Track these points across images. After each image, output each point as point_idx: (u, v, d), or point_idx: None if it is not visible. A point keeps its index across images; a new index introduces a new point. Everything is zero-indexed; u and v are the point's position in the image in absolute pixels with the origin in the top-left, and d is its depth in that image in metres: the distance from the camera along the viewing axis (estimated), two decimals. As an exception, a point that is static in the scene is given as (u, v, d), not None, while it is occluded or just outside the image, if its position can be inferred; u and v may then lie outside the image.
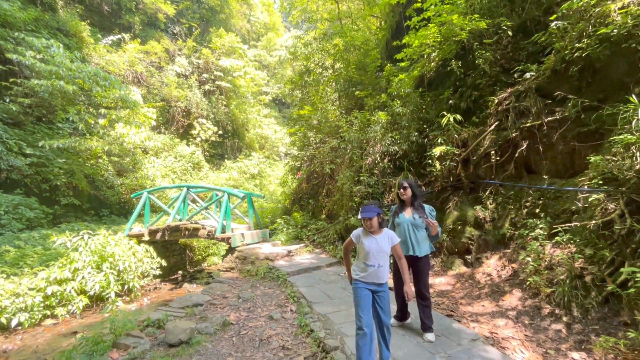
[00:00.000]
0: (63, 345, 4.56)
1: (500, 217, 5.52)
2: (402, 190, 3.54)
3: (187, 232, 7.37)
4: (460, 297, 4.69)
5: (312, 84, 12.52)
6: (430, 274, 5.71)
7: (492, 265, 5.13)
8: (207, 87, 23.42)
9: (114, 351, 3.59)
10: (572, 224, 4.26)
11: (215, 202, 7.66)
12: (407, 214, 3.50)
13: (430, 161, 6.16)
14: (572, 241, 4.18)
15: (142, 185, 14.88)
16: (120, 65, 18.62)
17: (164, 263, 7.43)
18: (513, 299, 4.25)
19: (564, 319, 3.58)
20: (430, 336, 3.38)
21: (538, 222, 4.81)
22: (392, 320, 3.72)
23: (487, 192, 5.80)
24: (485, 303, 4.34)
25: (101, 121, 13.26)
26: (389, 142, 7.13)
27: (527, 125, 5.23)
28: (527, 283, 4.19)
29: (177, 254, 8.92)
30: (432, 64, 7.47)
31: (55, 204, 11.42)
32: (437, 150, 5.94)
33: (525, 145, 5.23)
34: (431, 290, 5.11)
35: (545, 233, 4.59)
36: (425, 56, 7.68)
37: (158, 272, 7.28)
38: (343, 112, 9.63)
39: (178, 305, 4.80)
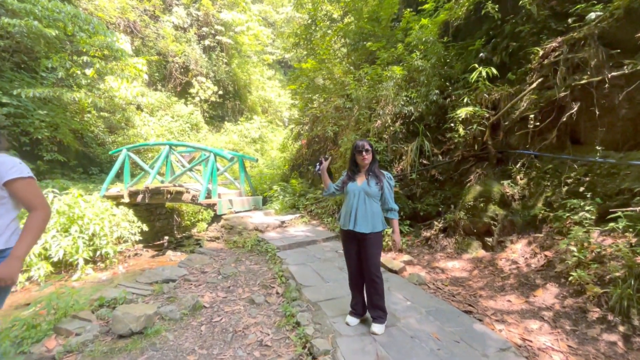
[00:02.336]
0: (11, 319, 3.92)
1: (532, 195, 4.62)
2: (364, 153, 2.81)
3: (169, 196, 6.61)
4: (479, 288, 3.92)
5: (318, 39, 11.16)
6: (442, 257, 4.94)
7: (519, 251, 4.31)
8: (207, 42, 21.75)
9: (52, 338, 2.90)
10: (634, 209, 3.36)
11: (200, 162, 6.81)
12: (360, 180, 2.86)
13: (452, 125, 5.15)
14: (631, 229, 3.31)
15: (134, 143, 14.03)
16: (110, 11, 17.05)
17: (145, 228, 6.75)
18: (547, 295, 3.46)
19: (620, 328, 2.79)
20: (377, 328, 2.83)
21: (583, 203, 3.91)
22: (350, 319, 3.02)
23: (518, 165, 4.86)
24: (512, 298, 3.57)
25: (88, 72, 12.14)
26: (402, 102, 6.08)
27: (582, 82, 4.16)
28: (569, 278, 3.37)
29: (163, 218, 8.25)
30: (463, 8, 6.20)
31: (37, 159, 10.65)
32: (462, 112, 4.92)
33: (575, 108, 4.20)
34: (443, 276, 4.36)
35: (593, 217, 3.71)
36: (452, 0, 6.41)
37: (138, 237, 6.61)
38: (352, 68, 8.44)
39: (146, 280, 4.10)
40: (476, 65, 5.02)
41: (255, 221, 6.09)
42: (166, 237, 7.75)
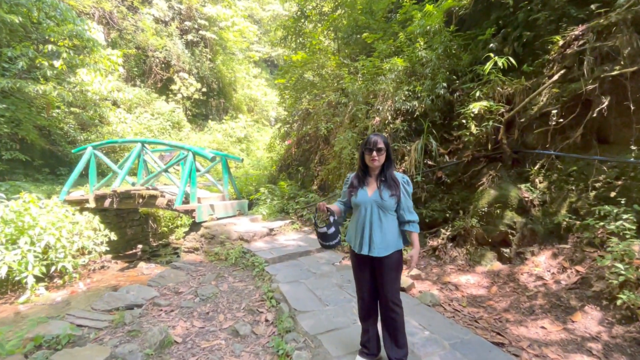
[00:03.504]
0: None
1: (554, 201, 4.12)
2: (374, 153, 2.19)
3: (141, 200, 5.81)
4: (503, 309, 3.36)
5: (307, 33, 10.52)
6: (453, 270, 4.38)
7: (543, 265, 3.79)
8: (189, 37, 20.75)
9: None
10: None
11: (177, 162, 6.03)
12: (371, 189, 2.25)
13: (464, 121, 4.60)
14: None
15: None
16: (84, 0, 15.89)
17: (113, 236, 5.92)
18: (589, 321, 2.93)
19: (694, 367, 2.28)
20: None
21: (617, 211, 3.42)
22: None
23: (537, 166, 4.35)
24: (546, 323, 3.02)
25: (56, 63, 11.07)
26: (404, 97, 5.52)
27: (614, 73, 3.68)
28: (615, 301, 2.85)
29: (136, 224, 7.40)
30: (468, -4, 5.69)
31: (-5, 158, 9.57)
32: (475, 107, 4.38)
33: (606, 102, 3.71)
34: (458, 294, 3.79)
35: (634, 227, 3.22)
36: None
37: (105, 247, 5.78)
38: (345, 61, 7.83)
39: (104, 307, 3.35)
40: (491, 55, 4.49)
41: (240, 229, 5.38)
42: (139, 246, 6.94)
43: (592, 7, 4.24)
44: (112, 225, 6.76)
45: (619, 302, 2.80)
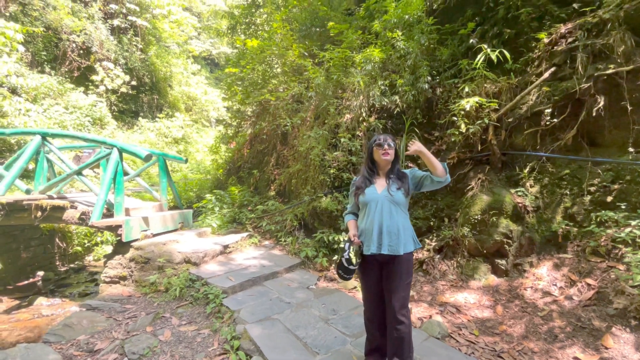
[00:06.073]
0: None
1: (548, 206, 3.85)
2: (385, 146, 2.16)
3: (39, 214, 4.21)
4: (521, 336, 2.86)
5: (262, 22, 9.59)
6: (445, 287, 3.85)
7: (546, 278, 3.43)
8: (116, 22, 18.12)
9: None
10: None
11: (97, 162, 4.50)
12: (380, 186, 2.18)
13: (455, 119, 4.13)
14: None
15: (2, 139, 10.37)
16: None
17: (-4, 265, 4.24)
18: (623, 346, 2.54)
19: None
20: None
21: (617, 216, 3.20)
22: None
23: (527, 169, 4.07)
24: (577, 351, 2.57)
25: None
26: (379, 92, 4.94)
27: (609, 72, 3.50)
28: (653, 321, 2.50)
29: (36, 244, 5.59)
30: (442, -11, 5.36)
31: None
32: (467, 103, 3.94)
33: (602, 102, 3.51)
34: (463, 318, 3.23)
35: (645, 234, 2.98)
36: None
37: (-19, 281, 4.09)
38: (305, 54, 7.06)
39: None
40: (484, 47, 4.11)
41: (185, 248, 4.19)
42: (40, 273, 5.20)
43: (575, 6, 4.14)
44: (-4, 247, 4.97)
45: (657, 324, 2.45)
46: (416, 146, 2.08)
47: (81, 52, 16.83)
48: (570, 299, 3.11)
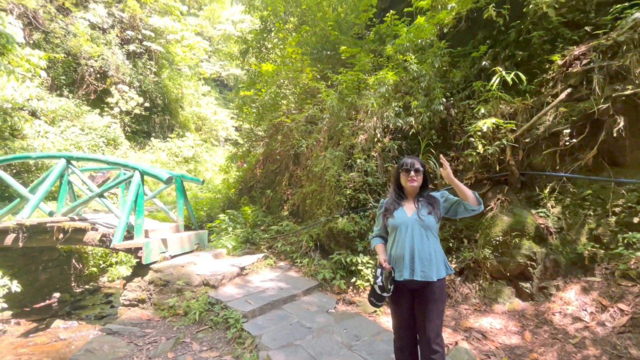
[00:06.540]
0: None
1: (571, 227, 3.78)
2: (412, 173, 2.13)
3: (61, 235, 4.27)
4: (555, 366, 2.75)
5: (274, 46, 9.89)
6: (468, 311, 3.75)
7: (575, 302, 3.33)
8: (131, 47, 18.88)
9: None
10: None
11: (117, 185, 4.62)
12: (410, 210, 2.15)
13: (472, 140, 4.15)
14: None
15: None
16: (-2, -5, 13.53)
17: (16, 286, 4.27)
18: (666, 377, 2.43)
19: None
20: None
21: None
22: None
23: (547, 190, 4.03)
24: (616, 383, 2.46)
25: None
26: (393, 114, 5.01)
27: (627, 93, 3.51)
28: (695, 351, 2.39)
29: (53, 265, 5.64)
30: (452, 14, 5.52)
31: None
32: (484, 124, 3.97)
33: (622, 123, 3.51)
34: (490, 345, 3.12)
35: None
36: (440, 6, 5.74)
37: (1, 303, 4.11)
38: (318, 76, 7.24)
39: None
40: (499, 69, 4.18)
41: (203, 270, 4.18)
42: (56, 295, 5.21)
43: (587, 28, 4.22)
44: (16, 269, 4.99)
45: (701, 353, 2.34)
46: (447, 174, 2.07)
47: (98, 75, 17.49)
48: (602, 325, 3.00)
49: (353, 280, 4.38)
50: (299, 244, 5.31)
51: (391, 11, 6.08)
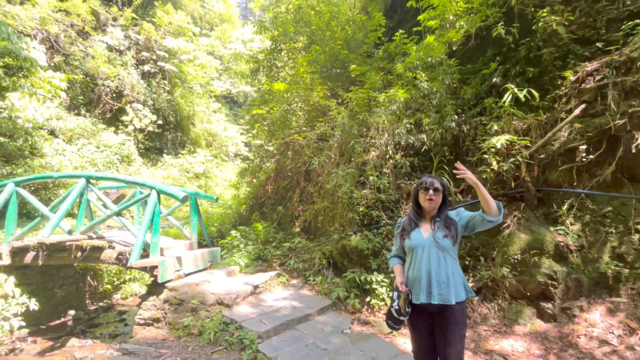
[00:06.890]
0: None
1: (593, 245, 3.68)
2: (431, 192, 2.09)
3: (80, 254, 4.36)
4: (582, 392, 2.64)
5: (284, 65, 10.13)
6: (488, 332, 3.65)
7: (600, 324, 3.21)
8: (146, 67, 19.58)
9: None
10: None
11: (134, 204, 4.74)
12: (426, 231, 2.11)
13: (486, 156, 4.14)
14: None
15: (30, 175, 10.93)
16: (25, 20, 14.27)
17: (34, 304, 4.34)
18: None
19: None
20: None
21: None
22: None
23: (565, 207, 3.95)
24: (650, 413, 2.34)
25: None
26: (404, 131, 5.04)
27: (644, 108, 3.48)
28: None
29: (69, 282, 5.71)
30: (461, 32, 5.60)
31: None
32: (497, 141, 3.96)
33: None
34: (512, 369, 3.01)
35: None
36: (449, 25, 5.84)
37: (19, 321, 4.16)
38: (328, 93, 7.37)
39: None
40: (510, 86, 4.20)
41: (217, 289, 4.18)
42: (71, 313, 5.26)
43: (599, 44, 4.23)
44: (34, 286, 5.08)
45: None
46: (469, 175, 1.95)
47: (114, 95, 18.10)
48: (632, 349, 2.88)
49: (367, 299, 4.32)
50: (312, 262, 5.28)
51: (400, 30, 6.21)
